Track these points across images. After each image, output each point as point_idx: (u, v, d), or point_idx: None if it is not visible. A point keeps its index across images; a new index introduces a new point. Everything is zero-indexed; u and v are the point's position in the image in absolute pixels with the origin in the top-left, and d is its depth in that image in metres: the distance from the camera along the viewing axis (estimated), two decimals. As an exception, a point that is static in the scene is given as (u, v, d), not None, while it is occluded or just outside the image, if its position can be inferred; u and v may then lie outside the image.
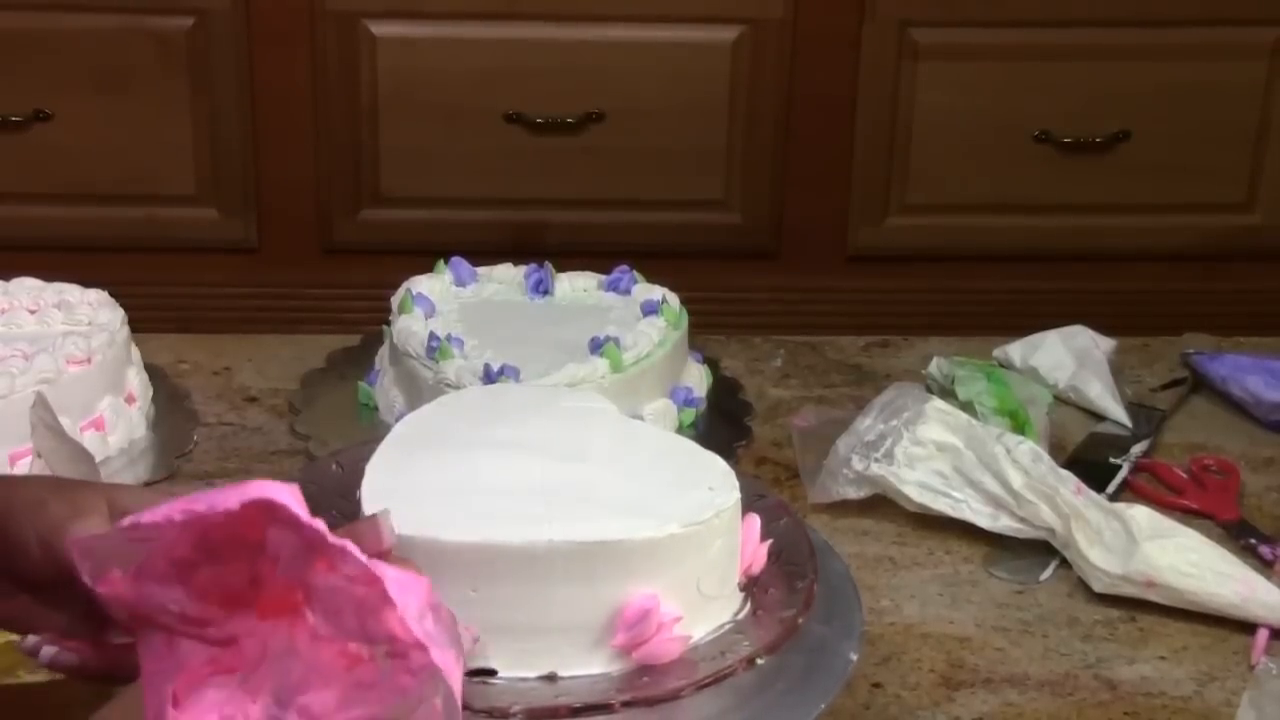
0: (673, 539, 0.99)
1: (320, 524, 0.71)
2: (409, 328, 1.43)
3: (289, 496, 0.71)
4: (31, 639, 0.85)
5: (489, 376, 1.35)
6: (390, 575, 0.71)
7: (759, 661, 1.00)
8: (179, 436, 1.44)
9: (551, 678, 1.00)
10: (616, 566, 0.99)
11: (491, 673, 0.99)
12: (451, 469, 1.05)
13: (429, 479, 1.04)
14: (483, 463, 1.06)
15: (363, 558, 0.71)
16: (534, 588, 0.98)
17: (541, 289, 1.53)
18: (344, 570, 0.71)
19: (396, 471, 1.04)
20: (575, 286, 1.54)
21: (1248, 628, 1.24)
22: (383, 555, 0.76)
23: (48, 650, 0.84)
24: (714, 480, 1.05)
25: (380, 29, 2.43)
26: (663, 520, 1.00)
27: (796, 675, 1.02)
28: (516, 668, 0.99)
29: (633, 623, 0.98)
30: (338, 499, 1.10)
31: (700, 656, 1.01)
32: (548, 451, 1.07)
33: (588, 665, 1.00)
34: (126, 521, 0.73)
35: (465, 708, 0.95)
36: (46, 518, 0.81)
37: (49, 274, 1.49)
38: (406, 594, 0.72)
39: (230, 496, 0.71)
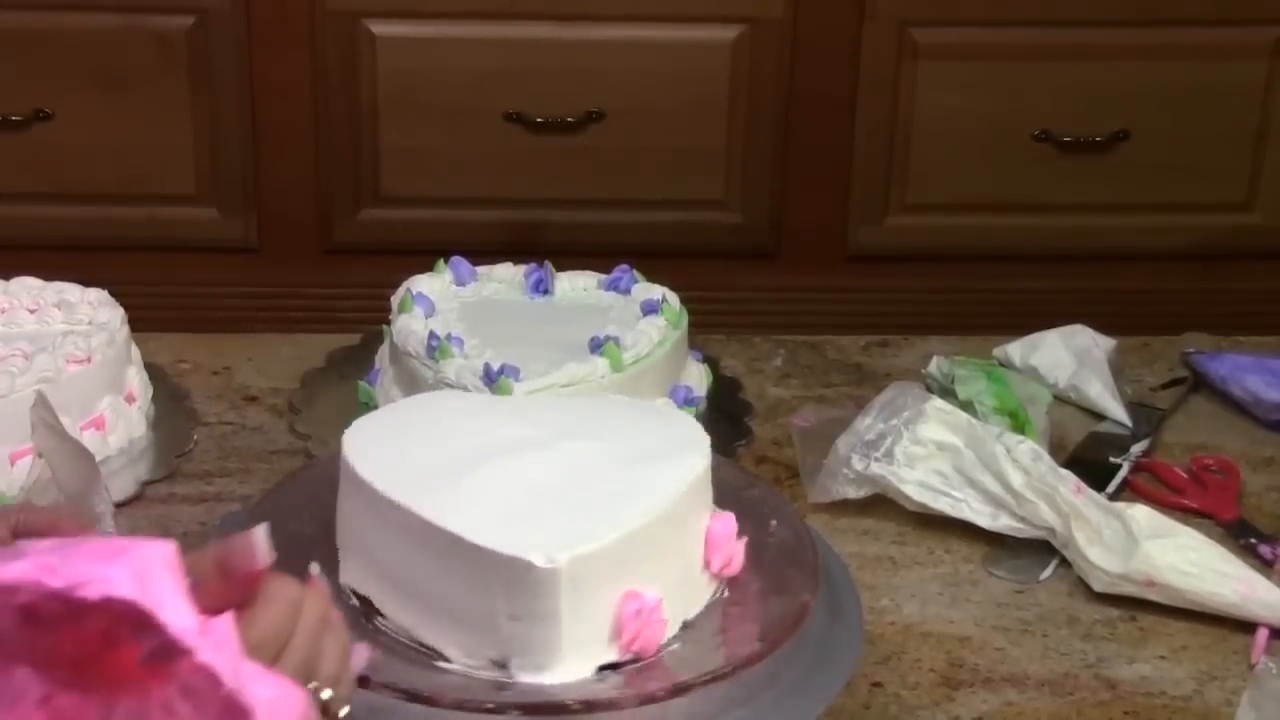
0: (648, 526, 0.99)
1: (187, 626, 0.63)
2: (409, 327, 1.43)
3: (156, 592, 0.63)
4: None
5: (489, 376, 1.35)
6: (263, 699, 0.64)
7: (759, 661, 1.00)
8: (179, 436, 1.44)
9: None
10: (611, 565, 0.98)
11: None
12: (437, 446, 1.06)
13: (415, 449, 1.05)
14: (467, 453, 1.06)
15: (230, 684, 0.63)
16: (529, 587, 0.98)
17: (541, 288, 1.53)
18: (206, 690, 0.64)
19: (385, 434, 1.06)
20: (575, 286, 1.54)
21: (1248, 627, 1.24)
22: (254, 577, 0.69)
23: None
24: (683, 447, 1.06)
25: (380, 29, 2.43)
26: (642, 511, 1.00)
27: (796, 675, 1.02)
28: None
29: (629, 618, 0.98)
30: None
31: (700, 656, 1.01)
32: (528, 449, 1.07)
33: (586, 663, 1.00)
34: None
35: (460, 707, 0.96)
36: None
37: (49, 274, 1.49)
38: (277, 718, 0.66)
39: (93, 584, 0.62)
